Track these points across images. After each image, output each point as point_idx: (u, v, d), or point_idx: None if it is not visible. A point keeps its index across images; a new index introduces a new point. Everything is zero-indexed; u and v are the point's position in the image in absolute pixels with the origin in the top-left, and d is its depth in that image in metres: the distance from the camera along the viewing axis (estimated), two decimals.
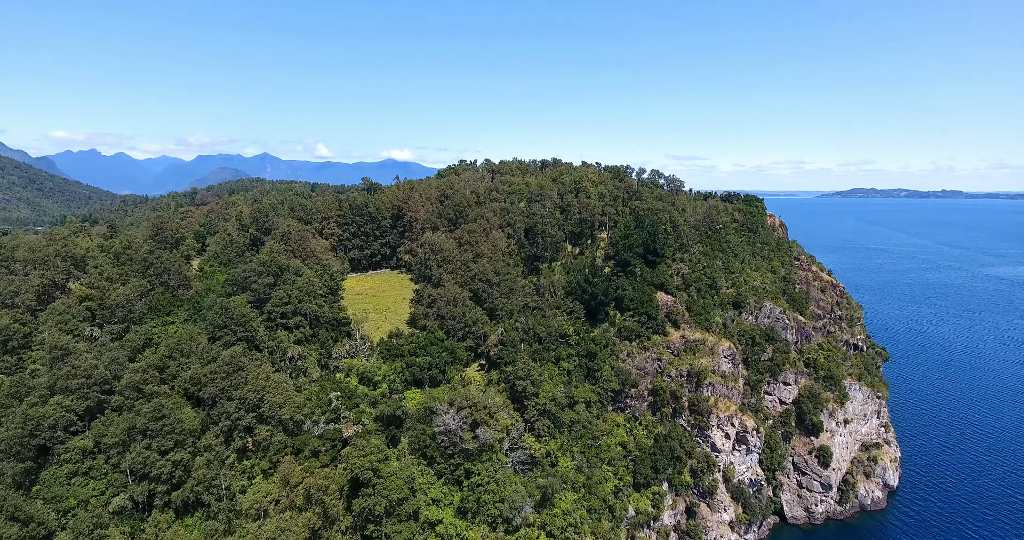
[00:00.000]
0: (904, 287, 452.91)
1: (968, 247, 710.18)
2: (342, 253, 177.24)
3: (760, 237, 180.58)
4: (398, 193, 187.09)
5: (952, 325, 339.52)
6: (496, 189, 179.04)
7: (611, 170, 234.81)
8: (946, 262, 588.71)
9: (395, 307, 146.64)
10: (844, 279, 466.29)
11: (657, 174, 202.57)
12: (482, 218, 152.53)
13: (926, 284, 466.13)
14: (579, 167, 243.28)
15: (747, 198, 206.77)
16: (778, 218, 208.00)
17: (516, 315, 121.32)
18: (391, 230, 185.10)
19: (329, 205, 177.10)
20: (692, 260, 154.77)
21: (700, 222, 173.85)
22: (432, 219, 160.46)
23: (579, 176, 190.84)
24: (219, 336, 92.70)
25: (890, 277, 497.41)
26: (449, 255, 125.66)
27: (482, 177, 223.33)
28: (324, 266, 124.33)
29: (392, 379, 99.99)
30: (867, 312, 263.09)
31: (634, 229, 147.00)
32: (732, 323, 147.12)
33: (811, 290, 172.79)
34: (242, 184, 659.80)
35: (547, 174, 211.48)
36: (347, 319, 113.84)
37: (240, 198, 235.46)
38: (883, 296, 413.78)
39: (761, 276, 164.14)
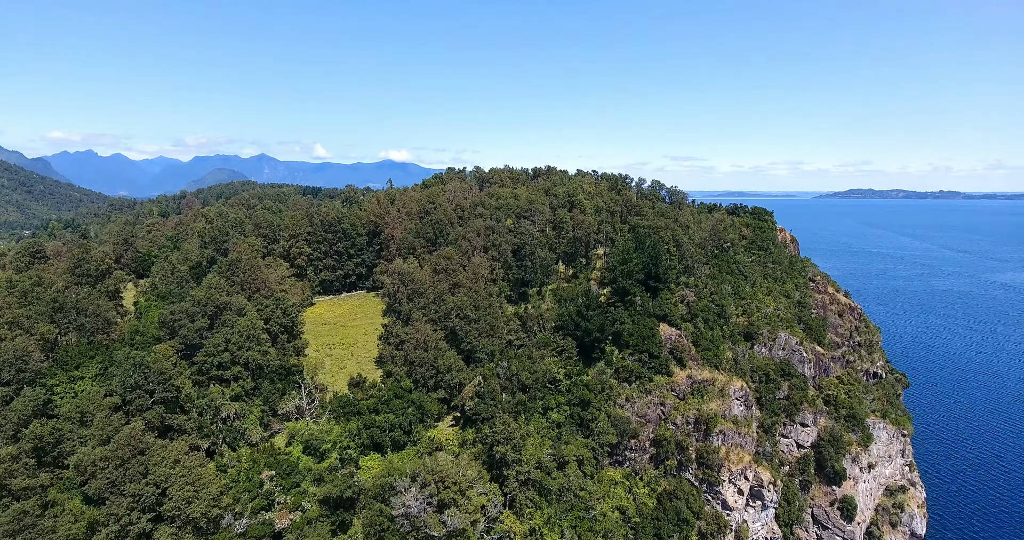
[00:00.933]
0: (910, 295, 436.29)
1: (971, 251, 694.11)
2: (312, 274, 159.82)
3: (771, 255, 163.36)
4: (375, 207, 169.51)
5: (963, 338, 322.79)
6: (482, 203, 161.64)
7: (608, 179, 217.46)
8: (950, 267, 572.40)
9: (364, 340, 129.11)
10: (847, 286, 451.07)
11: (658, 185, 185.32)
12: (464, 239, 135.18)
13: (932, 292, 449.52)
14: (574, 176, 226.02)
15: (755, 211, 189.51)
16: (789, 232, 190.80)
17: (498, 358, 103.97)
18: (367, 248, 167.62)
19: (298, 221, 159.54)
20: (698, 285, 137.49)
21: (706, 240, 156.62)
22: (409, 239, 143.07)
23: (573, 188, 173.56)
24: (131, 399, 75.38)
25: (895, 284, 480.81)
26: (421, 287, 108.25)
27: (469, 188, 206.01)
28: (279, 299, 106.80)
29: (345, 445, 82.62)
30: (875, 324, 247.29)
31: (633, 252, 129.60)
32: (744, 358, 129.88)
33: (828, 315, 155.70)
34: (233, 187, 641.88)
35: (539, 185, 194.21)
36: (298, 367, 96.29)
37: (212, 209, 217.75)
38: (889, 305, 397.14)
39: (774, 301, 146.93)
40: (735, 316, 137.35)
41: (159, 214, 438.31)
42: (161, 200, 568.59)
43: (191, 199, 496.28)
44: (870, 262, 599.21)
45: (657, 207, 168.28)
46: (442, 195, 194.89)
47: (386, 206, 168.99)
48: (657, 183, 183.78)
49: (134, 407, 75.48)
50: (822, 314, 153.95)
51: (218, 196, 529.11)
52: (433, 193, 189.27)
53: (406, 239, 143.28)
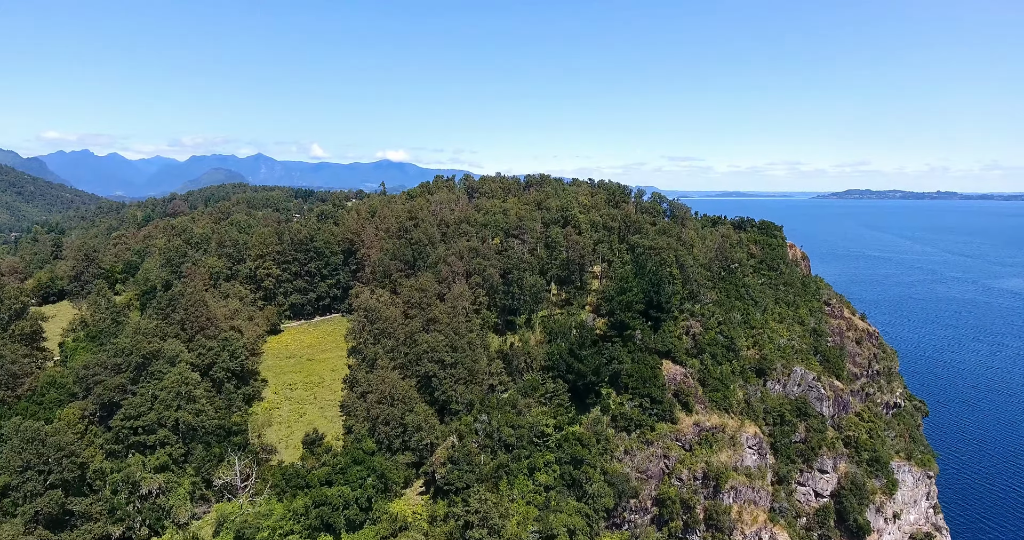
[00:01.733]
0: (914, 303, 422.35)
1: (973, 255, 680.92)
2: (282, 297, 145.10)
3: (783, 276, 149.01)
4: (352, 223, 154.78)
5: (972, 351, 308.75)
6: (467, 220, 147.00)
7: (606, 189, 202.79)
8: (953, 273, 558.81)
9: (332, 378, 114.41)
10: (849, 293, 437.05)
11: (658, 198, 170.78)
12: (444, 263, 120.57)
13: (936, 299, 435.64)
14: (569, 186, 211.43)
15: (763, 225, 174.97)
16: (799, 248, 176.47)
17: (477, 409, 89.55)
18: (343, 267, 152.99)
19: (266, 239, 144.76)
20: (705, 314, 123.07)
21: (711, 260, 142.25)
22: (385, 261, 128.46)
23: (567, 202, 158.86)
24: (18, 485, 60.94)
25: (898, 291, 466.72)
26: (390, 326, 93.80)
27: (457, 199, 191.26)
28: (227, 340, 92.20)
29: (288, 529, 68.16)
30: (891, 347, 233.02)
31: (633, 280, 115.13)
32: (756, 397, 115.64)
33: (845, 342, 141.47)
34: (224, 190, 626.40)
35: (531, 197, 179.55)
36: (240, 426, 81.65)
37: (181, 222, 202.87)
38: (893, 314, 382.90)
39: (787, 329, 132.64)
40: (746, 348, 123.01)
41: (143, 219, 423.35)
42: (149, 203, 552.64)
43: (178, 203, 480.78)
44: (871, 267, 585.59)
45: (658, 224, 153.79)
46: (427, 207, 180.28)
47: (364, 222, 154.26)
48: (658, 196, 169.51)
49: (22, 494, 60.99)
50: (839, 342, 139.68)
51: (206, 200, 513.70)
52: (417, 206, 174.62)
53: (382, 261, 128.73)
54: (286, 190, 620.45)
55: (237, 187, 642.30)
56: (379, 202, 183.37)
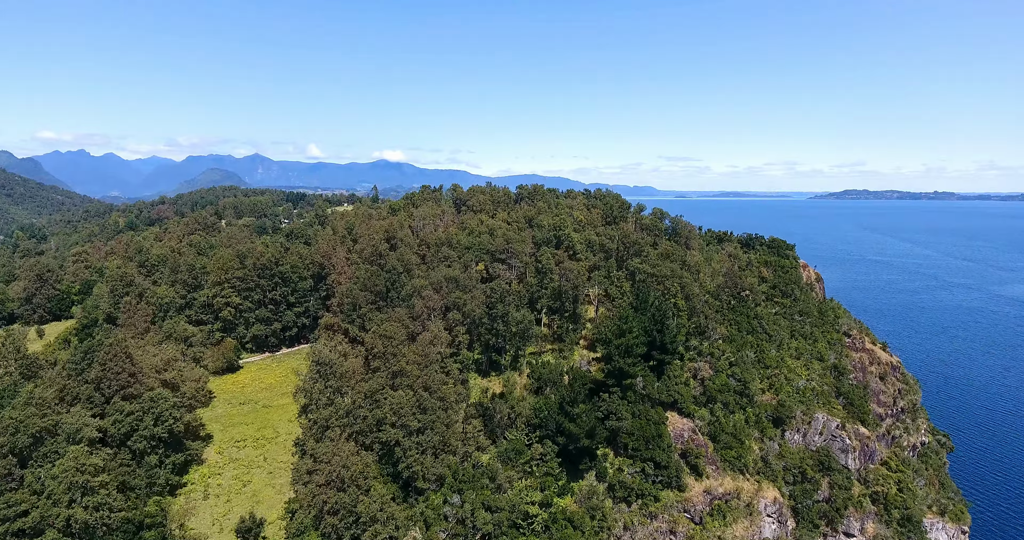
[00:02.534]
0: (918, 312, 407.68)
1: (975, 259, 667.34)
2: (243, 329, 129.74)
3: (798, 304, 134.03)
4: (323, 245, 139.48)
5: (983, 367, 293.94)
6: (450, 241, 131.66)
7: (602, 200, 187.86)
8: (957, 279, 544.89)
9: (288, 431, 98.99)
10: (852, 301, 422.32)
11: (660, 214, 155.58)
12: (419, 297, 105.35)
13: (942, 308, 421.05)
14: (563, 197, 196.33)
15: (773, 243, 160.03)
16: (813, 269, 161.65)
17: (449, 484, 74.50)
18: (312, 294, 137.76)
19: (226, 264, 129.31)
20: (714, 353, 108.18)
21: (720, 288, 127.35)
22: (355, 292, 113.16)
23: (560, 220, 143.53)
24: None
25: (901, 299, 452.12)
26: (346, 383, 78.62)
27: (442, 213, 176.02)
28: (153, 400, 76.94)
29: None
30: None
31: (633, 317, 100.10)
32: (774, 451, 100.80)
33: (868, 378, 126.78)
34: (214, 193, 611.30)
35: (521, 212, 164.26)
36: (155, 517, 66.32)
37: (139, 240, 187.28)
38: (899, 325, 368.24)
39: (806, 368, 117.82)
40: (761, 392, 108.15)
41: (124, 226, 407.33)
42: (135, 207, 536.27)
43: (163, 209, 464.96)
44: (873, 272, 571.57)
45: (660, 245, 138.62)
46: (408, 224, 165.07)
47: (336, 244, 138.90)
48: (659, 212, 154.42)
49: None
50: (862, 379, 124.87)
51: (193, 205, 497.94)
52: (398, 222, 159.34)
53: (351, 292, 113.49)
54: (277, 193, 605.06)
55: (228, 190, 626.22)
56: (357, 218, 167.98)
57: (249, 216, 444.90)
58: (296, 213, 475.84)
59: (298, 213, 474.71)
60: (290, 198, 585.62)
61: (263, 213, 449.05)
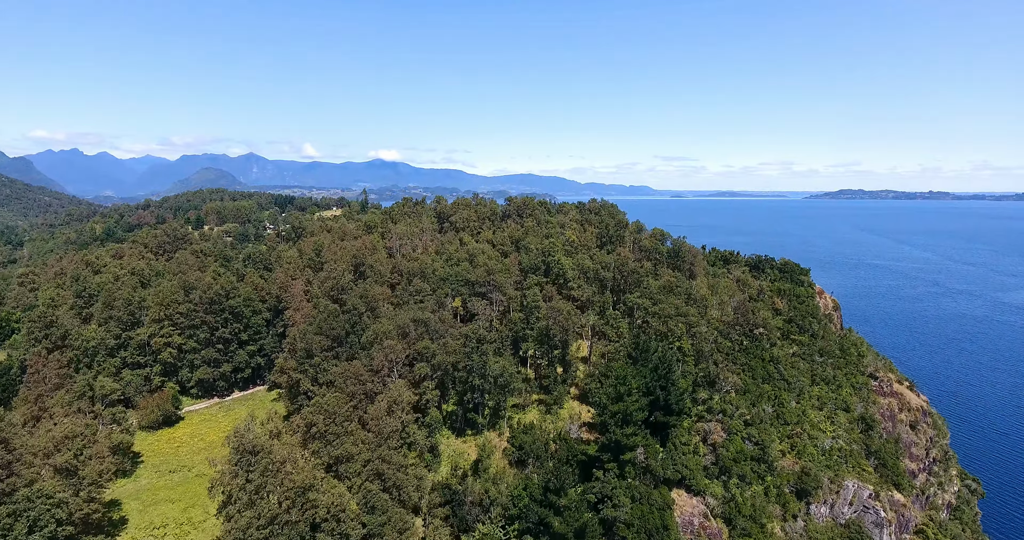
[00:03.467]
0: (922, 322, 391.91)
1: (976, 263, 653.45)
2: (187, 372, 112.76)
3: (817, 342, 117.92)
4: (281, 276, 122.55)
5: (994, 384, 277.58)
6: (423, 273, 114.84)
7: (597, 215, 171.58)
8: (959, 285, 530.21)
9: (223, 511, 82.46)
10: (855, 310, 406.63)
11: (661, 236, 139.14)
12: (381, 346, 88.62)
13: (946, 317, 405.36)
14: (555, 213, 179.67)
15: (784, 266, 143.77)
16: (828, 294, 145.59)
17: None
18: (268, 329, 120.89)
19: (168, 297, 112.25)
20: (727, 409, 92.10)
21: (730, 324, 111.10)
22: (309, 336, 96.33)
23: (550, 244, 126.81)
24: None
25: (904, 307, 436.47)
26: (271, 482, 61.60)
27: (421, 231, 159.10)
28: (29, 501, 60.21)
29: None
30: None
31: (632, 375, 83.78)
32: (799, 531, 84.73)
33: (899, 429, 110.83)
34: (200, 195, 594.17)
35: (508, 232, 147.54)
36: None
37: (78, 261, 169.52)
38: (906, 336, 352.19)
39: (830, 420, 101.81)
40: (781, 455, 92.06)
41: (102, 233, 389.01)
42: (115, 211, 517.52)
43: (143, 215, 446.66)
44: (874, 278, 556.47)
45: (661, 274, 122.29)
46: (383, 245, 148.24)
47: (297, 271, 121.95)
48: (660, 234, 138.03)
49: None
50: (892, 431, 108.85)
51: (175, 210, 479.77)
52: (371, 243, 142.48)
53: (305, 335, 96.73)
54: (265, 196, 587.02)
55: (215, 192, 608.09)
56: (329, 238, 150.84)
57: (233, 221, 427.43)
58: (283, 218, 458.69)
59: (284, 218, 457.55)
60: (278, 201, 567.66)
61: (247, 219, 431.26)
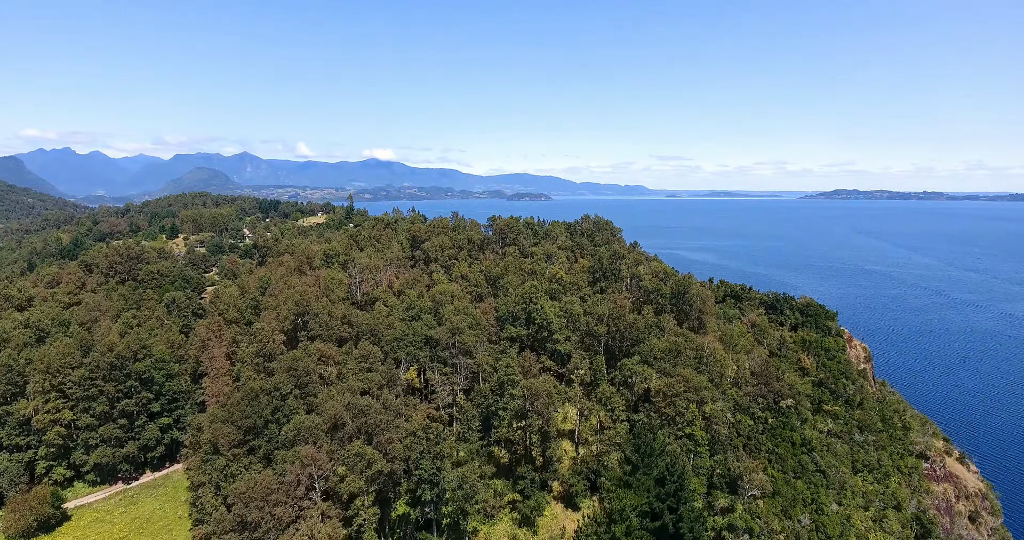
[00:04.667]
0: (931, 338, 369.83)
1: (977, 269, 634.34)
2: (80, 453, 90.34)
3: (854, 414, 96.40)
4: (203, 332, 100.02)
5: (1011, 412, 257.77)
6: (374, 331, 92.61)
7: (589, 236, 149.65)
8: (962, 294, 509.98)
9: None
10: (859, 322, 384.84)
11: (664, 274, 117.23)
12: (300, 449, 66.65)
13: (953, 332, 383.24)
14: (541, 238, 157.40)
15: (808, 310, 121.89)
16: (859, 342, 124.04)
17: None
18: (187, 396, 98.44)
19: (58, 361, 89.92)
20: (754, 525, 70.57)
21: (752, 396, 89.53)
22: (218, 426, 74.29)
23: (532, 288, 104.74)
24: None
25: (909, 320, 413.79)
26: None
27: (388, 262, 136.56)
28: None
29: None
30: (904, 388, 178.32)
31: (631, 489, 62.31)
32: None
33: (956, 523, 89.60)
34: (182, 200, 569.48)
35: (486, 265, 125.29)
36: None
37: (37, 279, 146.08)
38: (915, 356, 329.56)
39: (879, 524, 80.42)
40: None
41: (69, 244, 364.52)
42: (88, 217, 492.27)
43: (116, 222, 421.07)
44: (875, 287, 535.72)
45: (664, 324, 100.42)
46: (342, 279, 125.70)
47: (220, 327, 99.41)
48: (663, 272, 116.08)
49: None
50: (950, 528, 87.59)
51: (151, 217, 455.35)
52: (327, 279, 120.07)
53: (213, 422, 74.68)
54: (249, 200, 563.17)
55: (197, 196, 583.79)
56: (276, 274, 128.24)
57: (209, 230, 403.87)
58: (264, 225, 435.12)
59: (265, 226, 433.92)
60: (263, 206, 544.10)
61: (224, 227, 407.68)
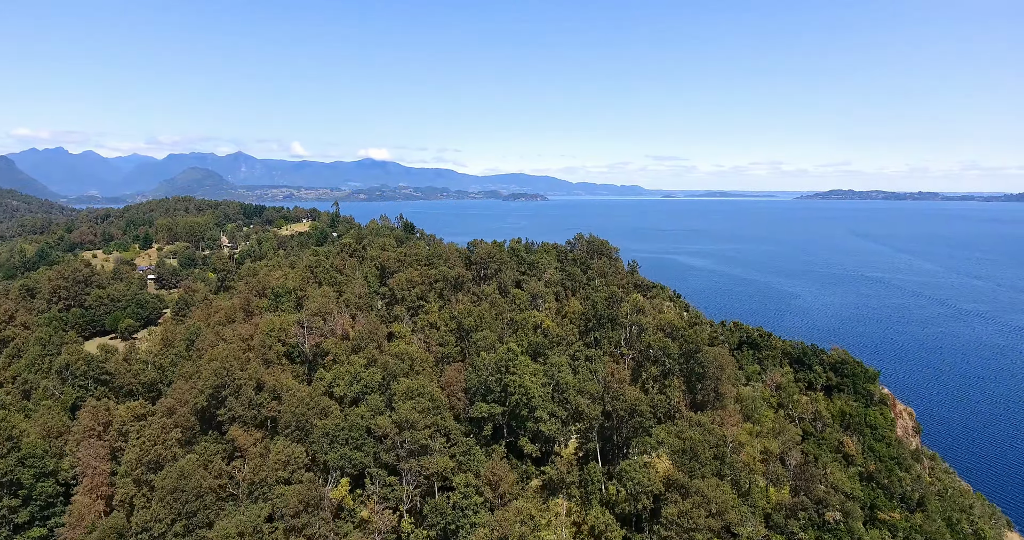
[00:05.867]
0: (938, 354, 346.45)
1: (981, 276, 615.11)
2: None
3: (914, 518, 75.45)
4: (89, 418, 77.63)
5: None
6: (301, 422, 70.69)
7: (580, 262, 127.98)
8: (968, 304, 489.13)
9: None
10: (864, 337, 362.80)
11: (672, 331, 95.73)
12: None
13: (962, 347, 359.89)
14: (528, 271, 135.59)
15: (841, 366, 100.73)
16: (903, 406, 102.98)
17: None
18: (63, 500, 76.47)
19: None
20: None
21: (789, 509, 68.36)
22: None
23: (508, 352, 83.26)
24: None
25: (916, 335, 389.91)
26: None
27: (345, 303, 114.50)
28: None
29: None
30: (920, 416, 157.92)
31: None
32: None
33: None
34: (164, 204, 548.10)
35: (459, 309, 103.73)
36: None
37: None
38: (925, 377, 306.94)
39: None
40: None
41: (33, 256, 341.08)
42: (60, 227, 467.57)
43: (84, 232, 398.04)
44: (878, 296, 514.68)
45: (673, 397, 79.37)
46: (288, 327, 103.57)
47: (104, 415, 77.34)
48: (672, 326, 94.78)
49: None
50: None
51: (126, 226, 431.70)
52: (265, 330, 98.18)
53: None
54: (234, 205, 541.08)
55: (181, 201, 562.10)
56: (214, 321, 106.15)
57: (185, 240, 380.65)
58: (244, 234, 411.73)
59: (245, 235, 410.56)
60: (247, 211, 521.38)
61: (201, 236, 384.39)
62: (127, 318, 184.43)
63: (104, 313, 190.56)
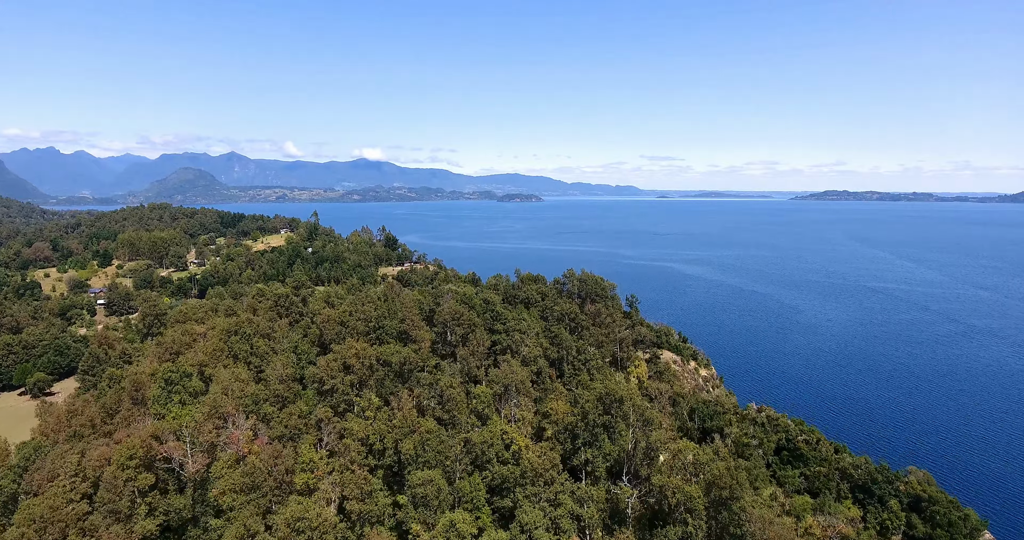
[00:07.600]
0: (955, 381, 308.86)
1: (988, 287, 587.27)
2: None
3: None
4: None
5: None
6: None
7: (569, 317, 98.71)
8: (978, 319, 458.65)
9: None
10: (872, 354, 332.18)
11: (689, 474, 66.58)
12: None
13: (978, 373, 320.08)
14: (517, 314, 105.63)
15: (929, 506, 71.91)
16: None
17: None
18: None
19: None
20: None
21: None
22: None
23: (453, 525, 54.47)
24: None
25: (929, 358, 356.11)
26: None
27: (238, 414, 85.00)
28: None
29: None
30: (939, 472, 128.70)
31: None
32: None
33: None
34: (138, 213, 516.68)
35: (398, 418, 74.31)
36: None
37: None
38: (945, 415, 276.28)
39: None
40: None
41: None
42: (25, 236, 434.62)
43: (40, 247, 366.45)
44: (884, 310, 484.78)
45: None
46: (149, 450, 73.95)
47: None
48: (694, 456, 66.52)
49: None
50: None
51: (91, 238, 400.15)
52: (122, 458, 68.92)
53: None
54: (211, 213, 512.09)
55: (157, 209, 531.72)
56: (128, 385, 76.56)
57: (148, 256, 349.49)
58: (212, 249, 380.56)
59: (214, 250, 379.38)
60: (225, 221, 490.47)
61: (164, 252, 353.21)
62: (38, 371, 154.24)
63: (14, 363, 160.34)
